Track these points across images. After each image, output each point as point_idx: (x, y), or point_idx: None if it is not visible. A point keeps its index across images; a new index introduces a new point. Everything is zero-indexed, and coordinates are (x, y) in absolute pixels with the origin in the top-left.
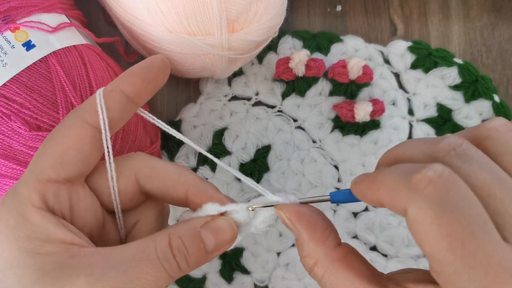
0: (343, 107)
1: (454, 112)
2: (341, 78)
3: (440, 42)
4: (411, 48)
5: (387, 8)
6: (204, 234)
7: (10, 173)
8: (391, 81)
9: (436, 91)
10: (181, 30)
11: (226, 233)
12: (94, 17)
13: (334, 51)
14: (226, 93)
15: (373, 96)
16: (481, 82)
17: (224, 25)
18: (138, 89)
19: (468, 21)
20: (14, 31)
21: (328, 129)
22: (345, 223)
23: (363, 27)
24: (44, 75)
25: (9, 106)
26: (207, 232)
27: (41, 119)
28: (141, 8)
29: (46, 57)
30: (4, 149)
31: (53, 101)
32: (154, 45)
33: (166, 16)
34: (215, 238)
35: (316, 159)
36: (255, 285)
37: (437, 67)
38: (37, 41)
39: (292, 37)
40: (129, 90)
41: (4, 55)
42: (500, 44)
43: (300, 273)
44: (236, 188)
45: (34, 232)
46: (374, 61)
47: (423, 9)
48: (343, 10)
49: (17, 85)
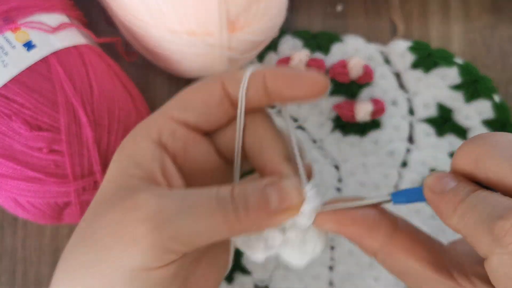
0: (344, 107)
1: (454, 112)
2: (341, 78)
3: (440, 42)
4: (412, 48)
5: (387, 8)
6: (268, 190)
7: (10, 173)
8: (391, 81)
9: (436, 91)
10: (181, 30)
11: (291, 196)
12: (94, 17)
13: (334, 51)
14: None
15: (374, 96)
16: (481, 82)
17: (224, 25)
18: (278, 90)
19: (468, 21)
20: (15, 31)
21: (329, 129)
22: None
23: (364, 27)
24: (45, 75)
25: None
26: (272, 188)
27: (42, 119)
28: (141, 8)
29: (47, 57)
30: (4, 149)
31: (54, 101)
32: (154, 45)
33: (166, 16)
34: (279, 197)
35: (316, 159)
36: (255, 285)
37: (437, 67)
38: (38, 41)
39: (292, 37)
40: (270, 84)
41: (5, 56)
42: (500, 44)
43: (301, 273)
44: None
45: (134, 153)
46: (375, 61)
47: (423, 10)
48: (343, 10)
49: (18, 85)
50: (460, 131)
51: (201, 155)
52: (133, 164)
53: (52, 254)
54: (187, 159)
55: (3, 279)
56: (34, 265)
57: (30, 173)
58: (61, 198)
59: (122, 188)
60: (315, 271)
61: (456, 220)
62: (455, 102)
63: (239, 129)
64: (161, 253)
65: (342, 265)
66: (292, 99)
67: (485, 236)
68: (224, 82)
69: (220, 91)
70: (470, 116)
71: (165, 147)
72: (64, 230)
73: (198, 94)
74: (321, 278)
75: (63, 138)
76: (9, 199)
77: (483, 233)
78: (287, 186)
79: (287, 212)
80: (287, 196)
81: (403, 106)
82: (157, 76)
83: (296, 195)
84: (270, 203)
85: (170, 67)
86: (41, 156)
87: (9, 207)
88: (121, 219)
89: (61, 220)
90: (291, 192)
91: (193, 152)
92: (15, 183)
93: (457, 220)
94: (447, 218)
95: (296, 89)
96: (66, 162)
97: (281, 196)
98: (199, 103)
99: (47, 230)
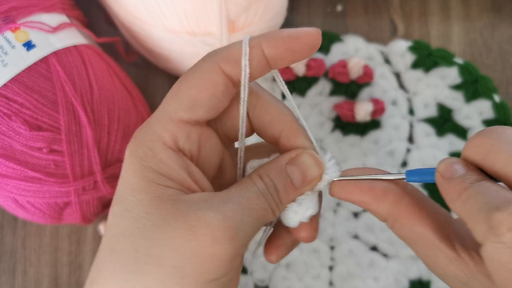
0: (344, 107)
1: (454, 112)
2: (341, 78)
3: (440, 42)
4: (412, 48)
5: (387, 8)
6: (289, 170)
7: (10, 173)
8: (391, 81)
9: (436, 91)
10: (181, 30)
11: (311, 168)
12: (94, 17)
13: (334, 51)
14: None
15: (374, 96)
16: (481, 82)
17: (225, 25)
18: (279, 56)
19: (468, 21)
20: (15, 31)
21: (329, 129)
22: (345, 223)
23: (364, 27)
24: (45, 75)
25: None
26: (293, 167)
27: (41, 119)
28: (141, 8)
29: (47, 57)
30: (4, 149)
31: (54, 101)
32: (154, 45)
33: (166, 16)
34: (301, 173)
35: None
36: (255, 285)
37: (437, 67)
38: (38, 41)
39: None
40: (270, 53)
41: (5, 55)
42: (500, 44)
43: (300, 273)
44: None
45: (159, 167)
46: (375, 61)
47: (423, 9)
48: (343, 10)
49: (18, 85)
50: (460, 131)
51: (212, 148)
52: (162, 178)
53: (52, 254)
54: (202, 156)
55: (3, 279)
56: (34, 265)
57: (30, 173)
58: (61, 198)
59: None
60: (315, 271)
61: (459, 205)
62: (455, 102)
63: (243, 109)
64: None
65: (342, 265)
66: (293, 61)
67: (482, 223)
68: (221, 66)
69: (224, 79)
70: (470, 116)
71: (184, 152)
72: (64, 230)
73: (202, 88)
74: (321, 278)
75: (63, 138)
76: (9, 199)
77: (480, 220)
78: (306, 161)
79: (310, 184)
80: (309, 171)
81: (403, 106)
82: (157, 76)
83: (317, 169)
84: (294, 181)
85: (170, 67)
86: (41, 156)
87: (9, 207)
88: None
89: (61, 220)
90: (311, 167)
91: (206, 147)
92: (15, 183)
93: (460, 205)
94: (451, 202)
95: (295, 51)
96: (66, 162)
97: (303, 173)
98: (206, 98)
99: (47, 230)
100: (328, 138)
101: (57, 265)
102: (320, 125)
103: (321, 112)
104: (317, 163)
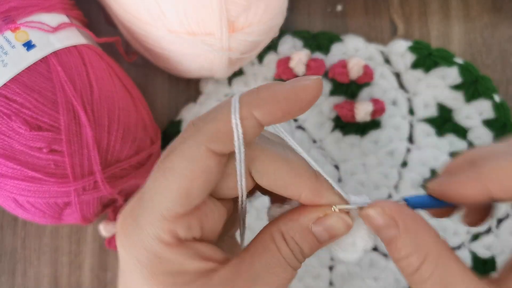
0: (344, 107)
1: (454, 112)
2: (341, 78)
3: (440, 42)
4: (412, 48)
5: (387, 8)
6: (316, 231)
7: (10, 173)
8: (391, 81)
9: (436, 91)
10: (181, 30)
11: (339, 229)
12: (94, 17)
13: (334, 51)
14: (226, 93)
15: (374, 96)
16: (481, 82)
17: (225, 25)
18: (276, 120)
19: (468, 21)
20: (15, 31)
21: (329, 129)
22: None
23: (364, 27)
24: (45, 75)
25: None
26: (320, 229)
27: (42, 119)
28: (141, 8)
29: (47, 57)
30: (4, 149)
31: (54, 101)
32: (154, 45)
33: (166, 16)
34: (329, 234)
35: (316, 159)
36: None
37: (437, 67)
38: (38, 41)
39: (292, 37)
40: (265, 120)
41: (5, 55)
42: (500, 44)
43: (300, 274)
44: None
45: (170, 267)
46: (375, 61)
47: (423, 9)
48: (343, 10)
49: (18, 85)
50: (460, 131)
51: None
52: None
53: (52, 254)
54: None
55: (3, 279)
56: (34, 265)
57: (30, 173)
58: (61, 198)
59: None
60: (315, 271)
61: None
62: (455, 102)
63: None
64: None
65: (342, 265)
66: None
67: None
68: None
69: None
70: (470, 116)
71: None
72: (64, 230)
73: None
74: (321, 278)
75: (63, 138)
76: (9, 199)
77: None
78: (335, 224)
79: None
80: (337, 232)
81: (403, 106)
82: (157, 76)
83: (344, 226)
84: (320, 239)
85: (170, 67)
86: (41, 156)
87: (9, 207)
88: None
89: (61, 220)
90: (340, 229)
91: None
92: (15, 183)
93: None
94: (474, 190)
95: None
96: (66, 162)
97: (331, 234)
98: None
99: (47, 230)
100: (328, 138)
101: (57, 265)
102: (320, 125)
103: (321, 112)
104: (345, 224)
